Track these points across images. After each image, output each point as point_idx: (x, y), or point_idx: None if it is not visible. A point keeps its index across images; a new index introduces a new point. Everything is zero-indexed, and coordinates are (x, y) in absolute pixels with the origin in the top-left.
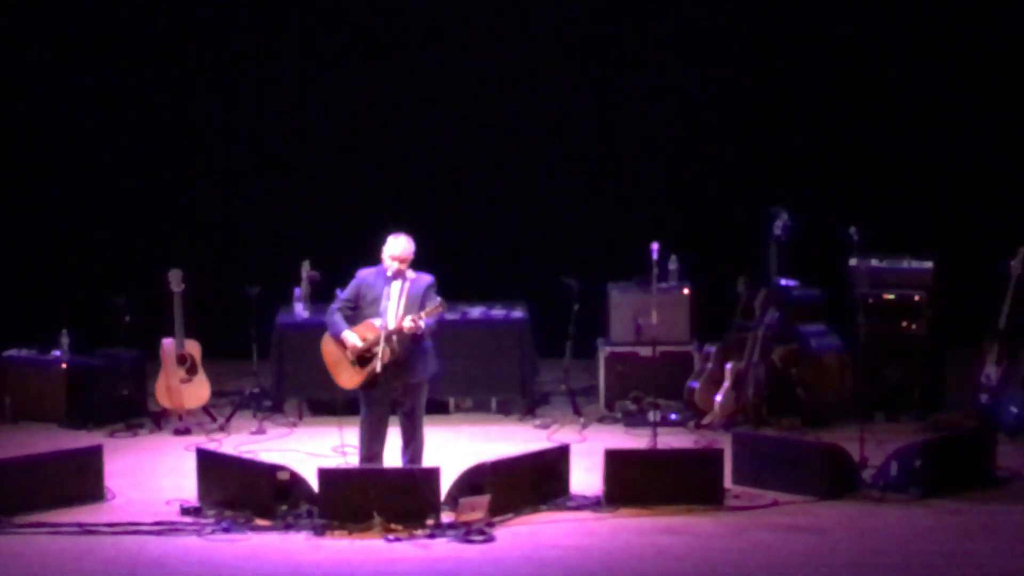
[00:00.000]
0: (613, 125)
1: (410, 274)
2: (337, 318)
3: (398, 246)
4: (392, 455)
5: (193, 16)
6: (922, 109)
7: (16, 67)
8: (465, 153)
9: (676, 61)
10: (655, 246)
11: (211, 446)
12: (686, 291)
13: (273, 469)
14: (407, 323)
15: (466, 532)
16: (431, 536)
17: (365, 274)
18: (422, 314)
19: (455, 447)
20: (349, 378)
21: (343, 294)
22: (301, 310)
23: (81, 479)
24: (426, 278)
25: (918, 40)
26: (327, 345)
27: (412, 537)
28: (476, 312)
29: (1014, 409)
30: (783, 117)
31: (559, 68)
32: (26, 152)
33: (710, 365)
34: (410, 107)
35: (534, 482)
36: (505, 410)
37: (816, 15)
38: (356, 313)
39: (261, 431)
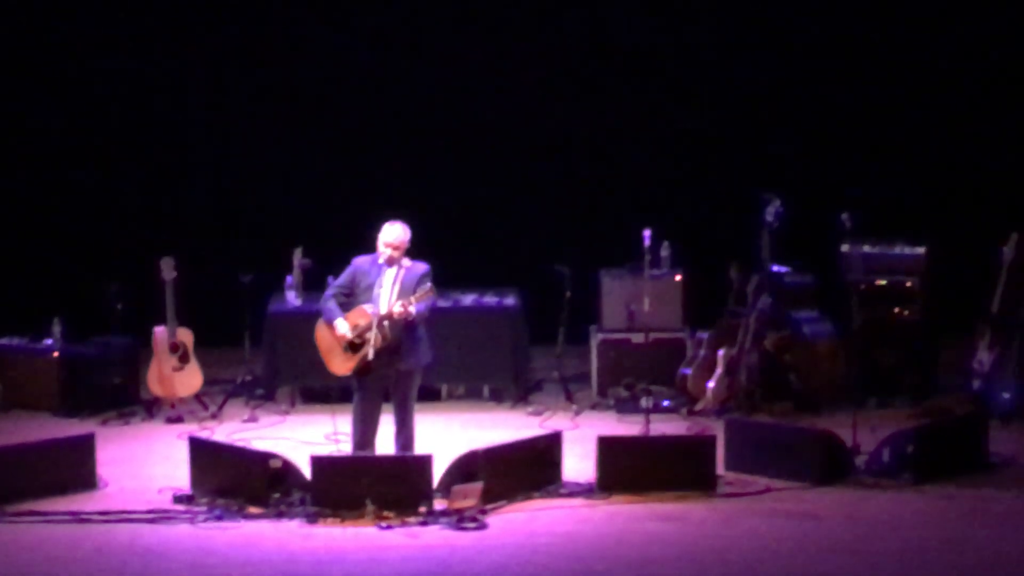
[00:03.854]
0: (605, 111)
1: (405, 262)
2: (331, 304)
3: (391, 233)
4: (385, 442)
5: (186, 6)
6: (914, 94)
7: (10, 58)
8: (457, 140)
9: (668, 47)
10: (647, 233)
11: (203, 434)
12: (678, 278)
13: (265, 457)
14: (397, 308)
15: (458, 519)
16: (423, 523)
17: (360, 262)
18: (412, 299)
19: (447, 434)
20: (341, 364)
21: (338, 280)
22: (293, 298)
23: (73, 467)
24: (421, 266)
25: (910, 26)
26: (320, 331)
27: (404, 524)
28: (468, 299)
29: (1007, 395)
30: (774, 103)
31: (550, 55)
32: (18, 141)
33: (703, 352)
34: (401, 95)
35: (527, 469)
36: (497, 397)
37: (809, 1)
38: (350, 300)
39: (253, 419)
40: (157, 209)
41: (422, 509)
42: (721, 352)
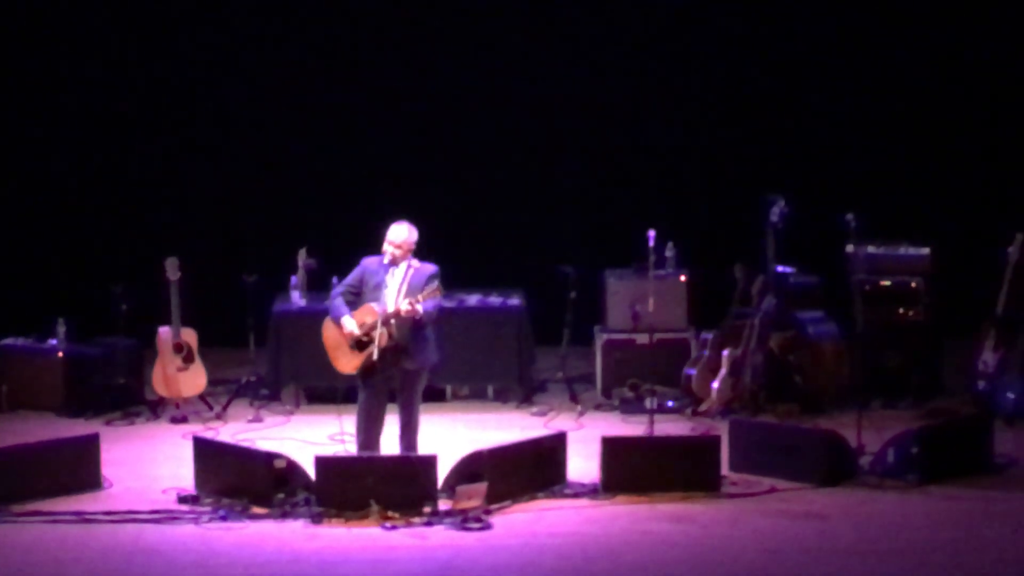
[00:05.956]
0: (609, 112)
1: (414, 263)
2: (338, 302)
3: (396, 232)
4: (389, 442)
5: (190, 6)
6: (918, 94)
7: (12, 55)
8: (462, 141)
9: (671, 48)
10: (652, 233)
11: (208, 434)
12: (683, 278)
13: (270, 457)
14: (404, 306)
15: (463, 520)
16: (428, 524)
17: (369, 261)
18: (419, 297)
19: (452, 435)
20: (347, 362)
21: (346, 279)
22: (298, 298)
23: (78, 468)
24: (430, 267)
25: (913, 26)
26: (327, 329)
27: (409, 525)
28: (473, 300)
29: (1011, 395)
30: (779, 103)
31: (554, 56)
32: (22, 141)
33: (707, 352)
34: (406, 95)
35: (531, 470)
36: (502, 398)
37: (811, 2)
38: (358, 299)
39: (258, 419)
40: (161, 209)
41: (427, 509)
42: (726, 352)
